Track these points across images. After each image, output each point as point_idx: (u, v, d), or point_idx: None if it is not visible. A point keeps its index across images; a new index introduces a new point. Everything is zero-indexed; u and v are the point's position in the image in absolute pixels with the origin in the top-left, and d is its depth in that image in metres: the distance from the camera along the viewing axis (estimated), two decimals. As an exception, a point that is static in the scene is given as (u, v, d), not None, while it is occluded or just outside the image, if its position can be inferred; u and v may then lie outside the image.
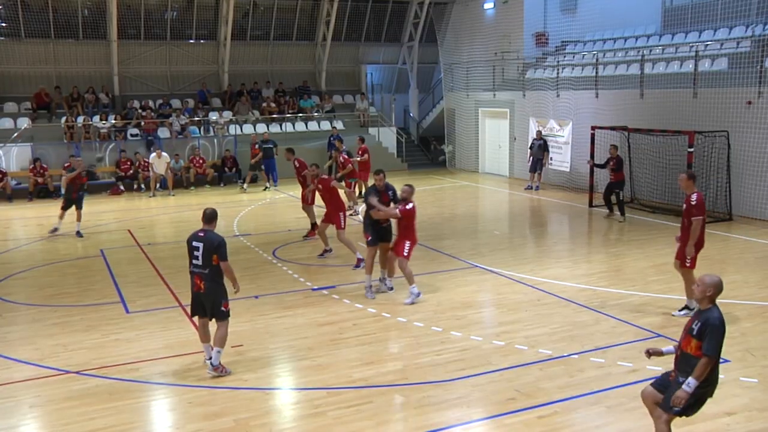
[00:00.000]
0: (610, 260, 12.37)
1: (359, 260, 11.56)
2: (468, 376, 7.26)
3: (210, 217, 7.50)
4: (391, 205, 10.01)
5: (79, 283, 11.41)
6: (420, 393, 6.97)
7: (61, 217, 15.14)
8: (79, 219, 15.19)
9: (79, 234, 15.00)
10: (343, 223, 11.88)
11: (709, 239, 13.59)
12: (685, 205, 9.00)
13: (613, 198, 15.78)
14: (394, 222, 10.17)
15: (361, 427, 6.24)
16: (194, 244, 7.36)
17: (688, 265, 8.98)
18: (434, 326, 8.85)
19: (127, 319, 9.44)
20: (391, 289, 10.36)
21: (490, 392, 6.90)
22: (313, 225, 13.92)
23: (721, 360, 7.46)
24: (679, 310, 9.08)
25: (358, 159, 18.09)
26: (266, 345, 8.36)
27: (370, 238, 10.05)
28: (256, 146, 22.02)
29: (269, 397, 7.04)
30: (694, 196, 8.85)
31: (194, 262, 7.38)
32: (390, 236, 10.28)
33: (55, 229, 15.20)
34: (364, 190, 17.48)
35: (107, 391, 7.12)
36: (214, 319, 7.49)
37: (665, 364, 7.42)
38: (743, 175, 15.48)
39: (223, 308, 7.42)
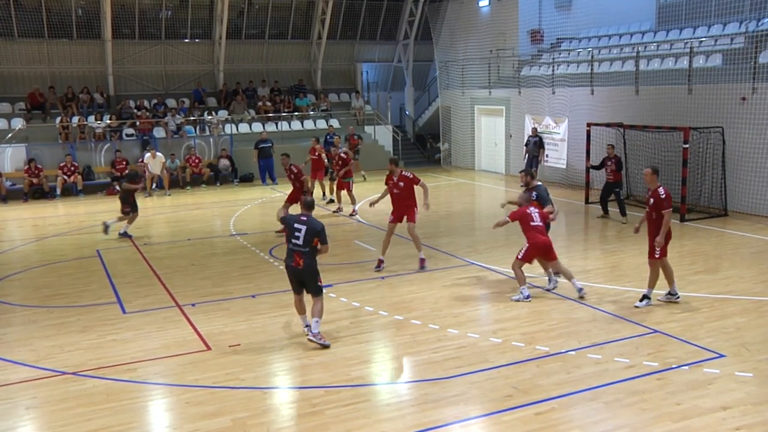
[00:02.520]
0: (607, 257, 12.39)
1: (422, 260, 11.54)
2: (465, 374, 7.27)
3: (310, 205, 8.45)
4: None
5: (76, 283, 11.39)
6: (418, 390, 6.97)
7: (131, 221, 14.81)
8: (131, 222, 14.91)
9: (126, 234, 14.74)
10: (416, 217, 11.53)
11: (704, 235, 13.69)
12: (652, 200, 9.22)
13: (613, 196, 15.67)
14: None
15: (358, 425, 6.25)
16: (296, 225, 8.21)
17: (657, 256, 9.20)
18: (431, 324, 8.86)
19: (123, 320, 9.43)
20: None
21: (488, 389, 6.92)
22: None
23: (716, 355, 7.55)
24: (641, 300, 9.33)
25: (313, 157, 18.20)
26: (263, 344, 8.35)
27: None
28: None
29: (267, 396, 7.04)
30: (662, 190, 9.15)
31: (294, 241, 8.17)
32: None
33: (126, 234, 14.77)
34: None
35: (104, 391, 7.11)
36: (310, 295, 8.24)
37: (662, 360, 7.46)
38: (738, 171, 15.52)
39: (319, 283, 8.30)
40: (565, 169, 20.36)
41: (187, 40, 26.46)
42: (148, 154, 21.19)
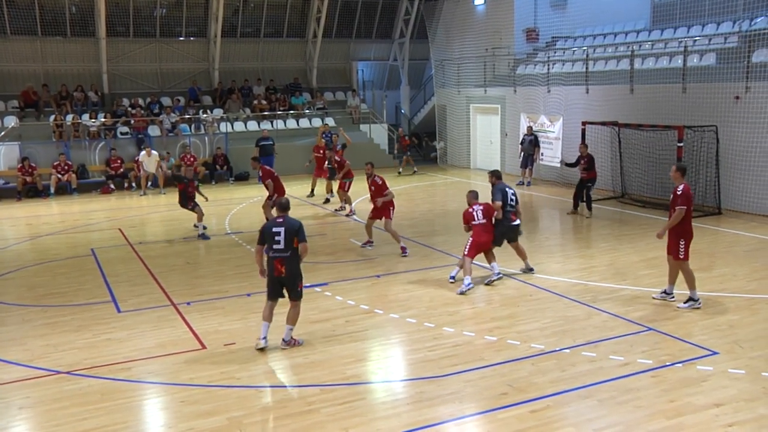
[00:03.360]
0: (602, 255, 12.42)
1: (404, 248, 12.41)
2: (461, 372, 7.29)
3: (285, 206, 8.23)
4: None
5: (70, 282, 11.36)
6: (413, 389, 6.98)
7: (200, 219, 14.57)
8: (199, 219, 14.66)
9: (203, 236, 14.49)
10: (392, 214, 12.64)
11: (698, 233, 13.66)
12: (672, 196, 9.23)
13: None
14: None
15: (354, 424, 6.25)
16: (275, 230, 7.96)
17: (681, 257, 9.10)
18: (427, 322, 8.87)
19: (118, 319, 9.41)
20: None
21: (483, 387, 6.93)
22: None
23: (710, 352, 7.59)
24: (684, 303, 9.18)
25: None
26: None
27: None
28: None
29: (262, 394, 7.04)
30: (680, 187, 9.12)
31: (275, 247, 7.94)
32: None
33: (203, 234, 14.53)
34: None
35: (99, 391, 7.10)
36: (289, 299, 8.09)
37: (656, 358, 7.49)
38: (732, 169, 15.58)
39: (299, 288, 8.12)
40: (559, 167, 20.38)
41: (182, 39, 26.39)
42: (143, 152, 21.16)
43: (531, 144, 20.50)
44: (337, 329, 8.72)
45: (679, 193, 9.08)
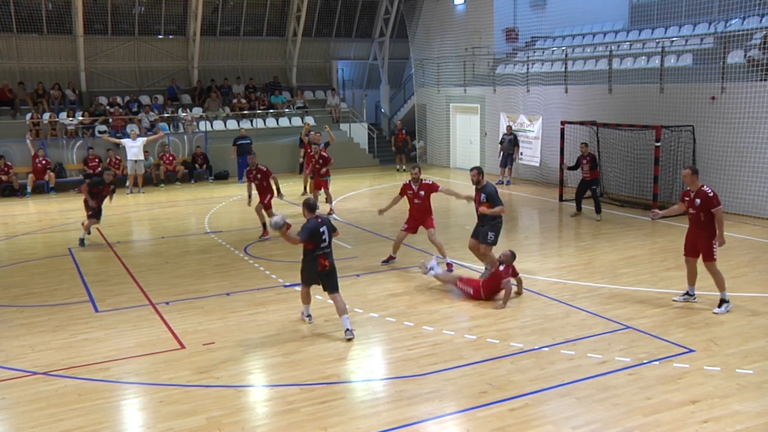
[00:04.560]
0: (580, 254, 12.53)
1: (449, 265, 11.32)
2: (440, 371, 7.31)
3: (314, 206, 8.58)
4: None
5: (47, 282, 11.22)
6: (393, 388, 7.00)
7: (87, 228, 14.12)
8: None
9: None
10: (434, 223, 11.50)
11: (676, 232, 13.90)
12: (698, 200, 8.98)
13: (589, 193, 15.76)
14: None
15: (334, 423, 6.25)
16: (321, 229, 8.33)
17: (714, 258, 9.00)
18: (406, 321, 8.89)
19: (96, 318, 9.32)
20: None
21: (463, 386, 6.96)
22: (264, 225, 13.92)
23: (686, 350, 7.69)
24: (718, 307, 9.04)
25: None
26: (238, 342, 8.32)
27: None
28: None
29: (241, 394, 7.02)
30: (708, 189, 8.97)
31: (323, 245, 8.35)
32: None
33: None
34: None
35: (76, 391, 7.03)
36: (330, 293, 8.51)
37: (633, 356, 7.57)
38: (708, 169, 15.77)
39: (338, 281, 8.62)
40: (539, 167, 20.54)
41: (161, 37, 26.17)
42: (127, 139, 20.80)
43: (510, 143, 20.62)
44: (316, 328, 8.71)
45: (710, 194, 8.89)
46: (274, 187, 14.02)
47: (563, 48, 21.19)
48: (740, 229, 13.95)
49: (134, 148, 20.68)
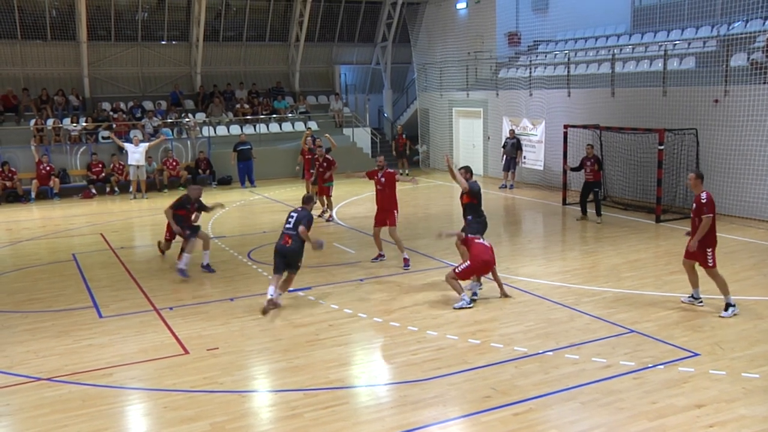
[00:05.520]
0: (584, 257, 12.50)
1: (406, 260, 11.85)
2: (444, 375, 7.30)
3: (307, 199, 10.15)
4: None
5: (51, 288, 11.23)
6: (396, 393, 6.98)
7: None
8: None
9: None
10: (396, 220, 12.06)
11: (679, 235, 13.84)
12: (695, 205, 9.01)
13: (591, 196, 15.73)
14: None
15: (337, 428, 6.24)
16: (291, 213, 9.90)
17: (710, 265, 8.98)
18: (410, 326, 8.88)
19: (100, 324, 9.32)
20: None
21: (467, 390, 6.94)
22: None
23: (691, 354, 7.66)
24: (724, 310, 9.01)
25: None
26: (242, 347, 8.31)
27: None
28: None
29: (245, 399, 7.01)
30: (704, 195, 8.92)
31: (287, 226, 9.77)
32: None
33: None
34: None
35: (80, 397, 7.03)
36: (286, 273, 9.76)
37: (638, 360, 7.55)
38: (711, 172, 15.73)
39: (299, 264, 9.87)
40: (542, 170, 20.52)
41: (164, 42, 26.24)
42: (130, 144, 20.83)
43: (513, 147, 20.61)
44: (320, 333, 8.70)
45: (704, 201, 8.86)
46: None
47: (566, 51, 21.19)
48: (744, 233, 13.91)
49: (136, 153, 20.72)
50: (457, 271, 9.70)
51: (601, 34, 22.13)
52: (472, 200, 10.71)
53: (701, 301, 9.38)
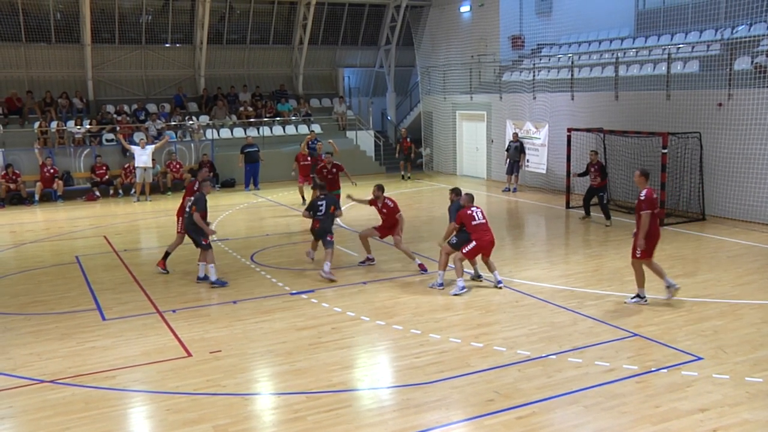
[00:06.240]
0: (587, 261, 12.49)
1: (422, 265, 11.78)
2: (447, 378, 7.29)
3: (321, 187, 11.91)
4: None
5: (54, 290, 11.25)
6: (399, 396, 6.98)
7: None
8: None
9: None
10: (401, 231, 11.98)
11: (683, 239, 13.86)
12: (637, 201, 9.53)
13: (596, 200, 15.77)
14: None
15: (340, 431, 6.23)
16: (319, 203, 11.45)
17: (638, 256, 9.47)
18: (413, 329, 8.87)
19: (103, 327, 9.33)
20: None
21: (470, 394, 6.93)
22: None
23: (694, 358, 7.64)
24: (631, 298, 9.71)
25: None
26: (245, 350, 8.32)
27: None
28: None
29: (248, 402, 7.01)
30: (643, 192, 9.41)
31: (318, 213, 11.41)
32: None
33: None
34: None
35: (83, 399, 7.03)
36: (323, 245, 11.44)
37: (641, 364, 7.53)
38: (715, 176, 15.73)
39: (329, 239, 11.42)
40: (545, 174, 20.50)
41: (167, 45, 26.31)
42: (136, 146, 20.87)
43: (517, 151, 20.61)
44: (323, 336, 8.70)
45: (642, 198, 9.37)
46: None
47: (569, 55, 21.19)
48: (748, 236, 13.88)
49: (143, 156, 20.76)
50: (464, 251, 10.34)
51: (604, 37, 22.13)
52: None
53: (677, 286, 9.71)
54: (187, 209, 11.23)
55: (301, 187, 19.29)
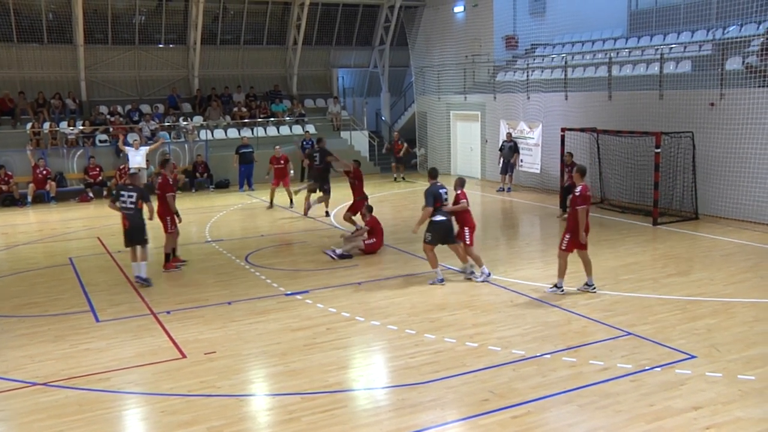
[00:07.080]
0: (580, 260, 12.48)
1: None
2: (442, 378, 7.30)
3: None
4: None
5: (48, 292, 11.21)
6: (394, 396, 6.98)
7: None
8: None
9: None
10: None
11: (676, 238, 13.91)
12: (571, 197, 10.07)
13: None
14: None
15: (335, 432, 6.24)
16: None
17: (564, 248, 10.03)
18: (408, 329, 8.88)
19: (97, 328, 9.31)
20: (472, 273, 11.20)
21: (465, 393, 6.94)
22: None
23: (688, 356, 7.67)
24: (549, 288, 10.27)
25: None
26: (239, 351, 8.31)
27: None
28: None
29: (243, 403, 7.00)
30: (578, 189, 9.92)
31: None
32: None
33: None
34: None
35: (77, 402, 7.01)
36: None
37: (635, 362, 7.56)
38: (708, 175, 15.79)
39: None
40: (539, 173, 20.54)
41: (161, 46, 26.24)
42: (130, 147, 20.78)
43: (510, 150, 20.64)
44: (318, 337, 8.70)
45: (577, 194, 9.88)
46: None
47: (563, 55, 21.24)
48: (740, 235, 13.94)
49: (137, 156, 20.71)
50: (468, 242, 10.95)
51: (598, 37, 22.19)
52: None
53: (594, 288, 10.12)
54: (131, 204, 11.23)
55: (273, 189, 19.02)
